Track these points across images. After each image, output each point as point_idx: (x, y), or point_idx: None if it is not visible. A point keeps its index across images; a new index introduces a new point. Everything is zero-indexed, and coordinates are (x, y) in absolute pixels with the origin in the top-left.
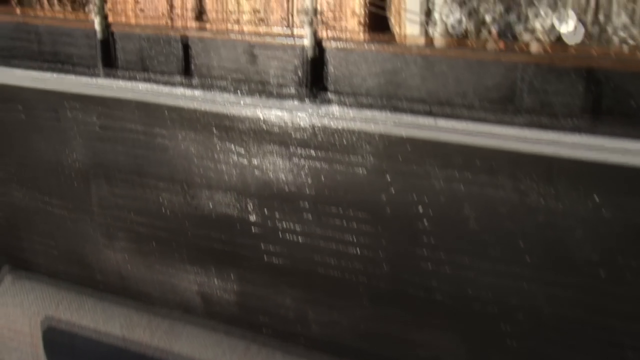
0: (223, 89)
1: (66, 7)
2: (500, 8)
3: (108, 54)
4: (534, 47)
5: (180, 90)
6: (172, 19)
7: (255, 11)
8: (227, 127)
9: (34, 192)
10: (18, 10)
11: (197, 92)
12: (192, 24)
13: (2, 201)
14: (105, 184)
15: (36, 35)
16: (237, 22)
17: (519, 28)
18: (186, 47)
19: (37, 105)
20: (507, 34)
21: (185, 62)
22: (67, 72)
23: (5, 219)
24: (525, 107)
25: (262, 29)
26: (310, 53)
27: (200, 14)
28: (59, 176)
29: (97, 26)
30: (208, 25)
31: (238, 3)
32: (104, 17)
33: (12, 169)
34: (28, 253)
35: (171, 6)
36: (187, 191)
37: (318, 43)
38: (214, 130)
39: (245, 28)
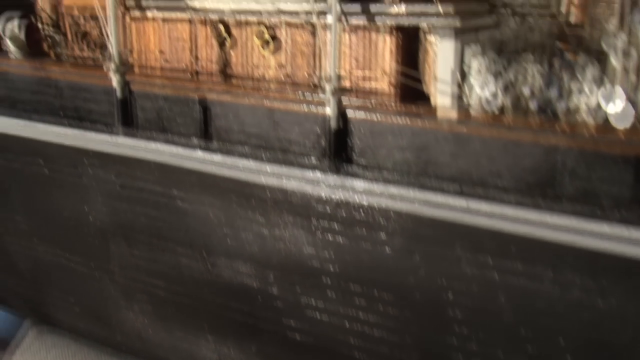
0: (243, 155)
1: (95, 52)
2: (539, 81)
3: (127, 113)
4: (577, 129)
5: (199, 154)
6: (195, 71)
7: (281, 66)
8: (247, 194)
9: (56, 248)
10: (52, 54)
11: (216, 157)
12: (214, 83)
13: (26, 255)
14: (124, 245)
15: (57, 89)
16: (262, 78)
17: (560, 105)
18: (205, 109)
19: (58, 160)
20: (547, 110)
21: (204, 124)
22: (87, 128)
23: (29, 273)
24: (566, 193)
25: (285, 94)
26: (333, 123)
27: (224, 66)
28: (79, 233)
29: (116, 85)
30: (233, 79)
31: (263, 57)
32: (123, 75)
33: (35, 223)
34: (50, 308)
35: (196, 57)
36: (206, 258)
37: (342, 112)
38: (234, 197)
39: (269, 83)
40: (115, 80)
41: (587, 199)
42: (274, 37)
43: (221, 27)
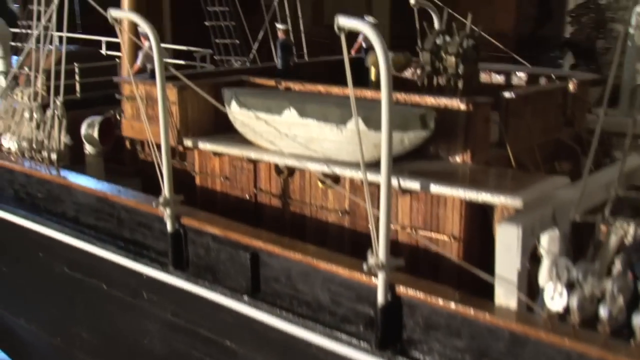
0: (290, 312)
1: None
2: (621, 300)
3: (178, 247)
4: None
5: (245, 303)
6: (255, 195)
7: (341, 207)
8: (293, 352)
9: None
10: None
11: (264, 309)
12: (266, 232)
13: None
14: None
15: (115, 211)
16: (322, 209)
17: None
18: (255, 258)
19: (116, 281)
20: (623, 332)
21: (253, 273)
22: (139, 254)
23: None
24: None
25: (337, 259)
26: (381, 300)
27: (284, 195)
28: (138, 358)
29: (167, 218)
30: (292, 208)
31: (324, 193)
32: (174, 209)
33: (98, 340)
34: None
35: (256, 183)
36: None
37: (393, 289)
38: (281, 353)
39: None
40: (166, 215)
41: None
42: (335, 177)
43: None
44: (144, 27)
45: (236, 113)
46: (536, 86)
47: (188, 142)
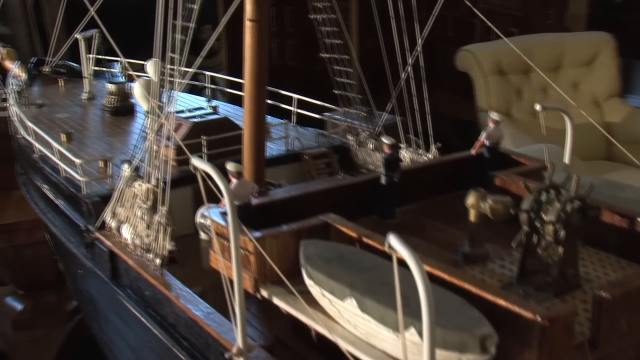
0: None
1: None
2: None
3: None
4: None
5: None
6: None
7: None
8: None
9: None
10: None
11: None
12: None
13: None
14: None
15: (203, 335)
16: None
17: None
18: None
19: None
20: None
21: None
22: None
23: None
24: None
25: None
26: None
27: None
28: None
29: None
30: None
31: None
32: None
33: None
34: None
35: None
36: None
37: None
38: None
39: None
40: None
41: None
42: None
43: None
44: (219, 182)
45: (305, 280)
46: None
47: (264, 293)
